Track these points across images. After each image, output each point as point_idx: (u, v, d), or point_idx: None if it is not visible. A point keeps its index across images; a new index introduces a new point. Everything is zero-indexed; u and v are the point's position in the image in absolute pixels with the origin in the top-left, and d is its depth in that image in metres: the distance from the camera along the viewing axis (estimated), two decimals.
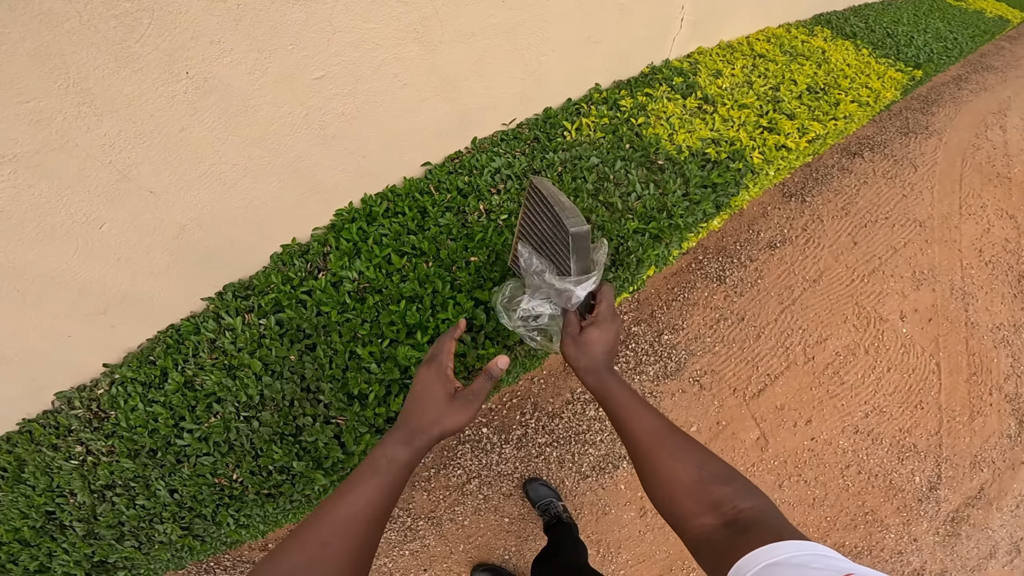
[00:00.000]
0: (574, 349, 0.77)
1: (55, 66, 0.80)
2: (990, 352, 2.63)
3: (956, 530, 2.19)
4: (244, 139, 1.12)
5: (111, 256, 1.10)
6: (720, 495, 0.56)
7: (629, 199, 1.59)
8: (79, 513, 1.22)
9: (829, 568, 0.41)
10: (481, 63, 1.42)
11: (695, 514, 0.57)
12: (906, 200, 3.05)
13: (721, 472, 0.60)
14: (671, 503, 0.60)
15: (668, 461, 0.63)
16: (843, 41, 2.50)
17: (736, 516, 0.54)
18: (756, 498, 0.56)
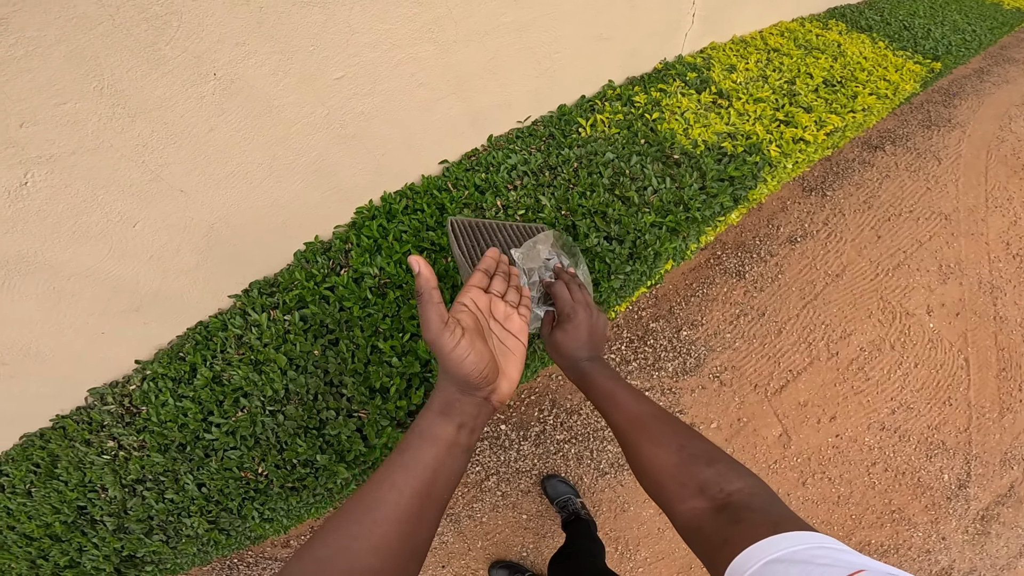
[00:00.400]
0: (550, 350, 0.77)
1: (90, 68, 0.83)
2: (1020, 347, 2.54)
3: (986, 528, 2.14)
4: (268, 139, 1.16)
5: (144, 255, 1.15)
6: (704, 477, 0.54)
7: (645, 193, 1.60)
8: (110, 507, 1.26)
9: (836, 563, 0.37)
10: (494, 62, 1.44)
11: (682, 498, 0.54)
12: (930, 193, 2.99)
13: (702, 453, 0.57)
14: (657, 488, 0.58)
15: (648, 446, 0.61)
16: (858, 34, 2.47)
17: (726, 500, 0.51)
18: (743, 478, 0.53)
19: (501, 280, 0.66)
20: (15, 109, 0.80)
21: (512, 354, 0.61)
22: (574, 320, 0.74)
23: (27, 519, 1.29)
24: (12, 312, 1.05)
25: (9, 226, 0.91)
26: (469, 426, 0.54)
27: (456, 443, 0.52)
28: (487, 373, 0.54)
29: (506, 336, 0.62)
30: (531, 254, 0.83)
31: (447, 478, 0.51)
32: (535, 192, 1.60)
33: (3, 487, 1.36)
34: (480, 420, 0.55)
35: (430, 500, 0.49)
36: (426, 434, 0.51)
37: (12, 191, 0.88)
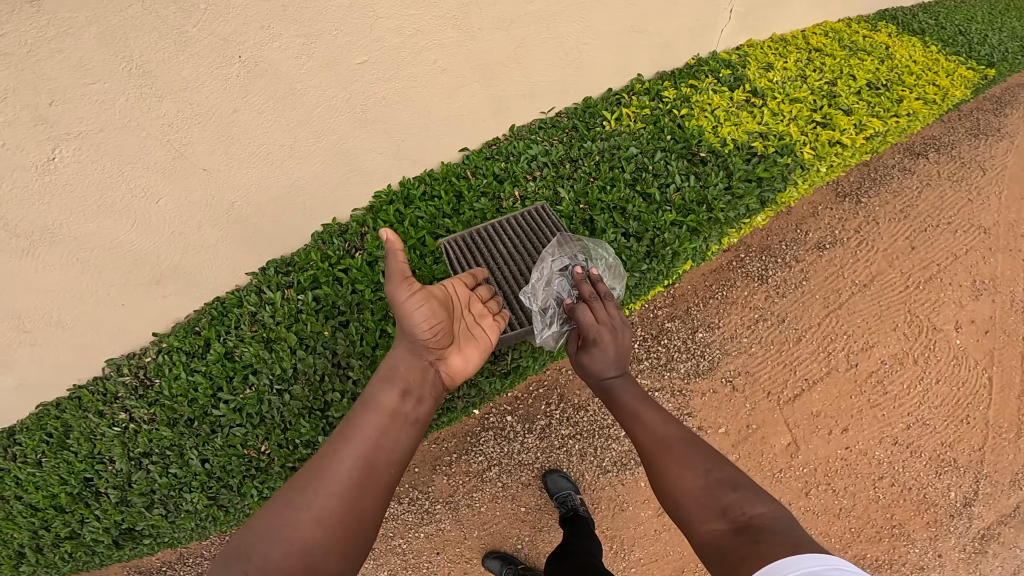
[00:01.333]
0: (576, 369, 0.76)
1: (119, 49, 0.85)
2: None
3: (984, 548, 2.11)
4: (290, 121, 1.17)
5: (166, 229, 1.18)
6: (728, 501, 0.54)
7: (668, 190, 1.56)
8: (115, 480, 1.30)
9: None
10: (520, 51, 1.42)
11: (703, 520, 0.55)
12: (971, 205, 2.86)
13: (728, 477, 0.57)
14: (678, 509, 0.59)
15: (674, 468, 0.61)
16: (909, 37, 2.35)
17: (747, 523, 0.51)
18: (766, 504, 0.53)
19: (486, 290, 0.67)
20: (46, 88, 0.82)
21: (475, 340, 0.61)
22: (600, 344, 0.72)
23: (35, 490, 1.35)
24: (36, 280, 1.09)
25: (36, 198, 0.94)
26: (415, 395, 0.51)
27: (399, 412, 0.50)
28: (437, 331, 0.53)
29: (475, 327, 0.62)
30: (544, 275, 0.78)
31: (391, 449, 0.49)
32: (554, 184, 1.58)
33: (15, 456, 1.42)
34: (427, 390, 0.53)
35: (373, 471, 0.47)
36: (369, 402, 0.50)
37: (40, 166, 0.90)
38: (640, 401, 0.68)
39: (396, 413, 0.50)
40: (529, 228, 1.13)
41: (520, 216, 1.09)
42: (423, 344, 0.53)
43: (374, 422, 0.48)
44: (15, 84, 0.80)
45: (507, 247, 1.09)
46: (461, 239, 1.05)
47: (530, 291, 0.77)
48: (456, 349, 0.58)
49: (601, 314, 0.73)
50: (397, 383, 0.51)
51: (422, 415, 0.52)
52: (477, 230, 1.07)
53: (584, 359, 0.73)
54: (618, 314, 0.75)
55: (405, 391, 0.51)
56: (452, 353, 0.57)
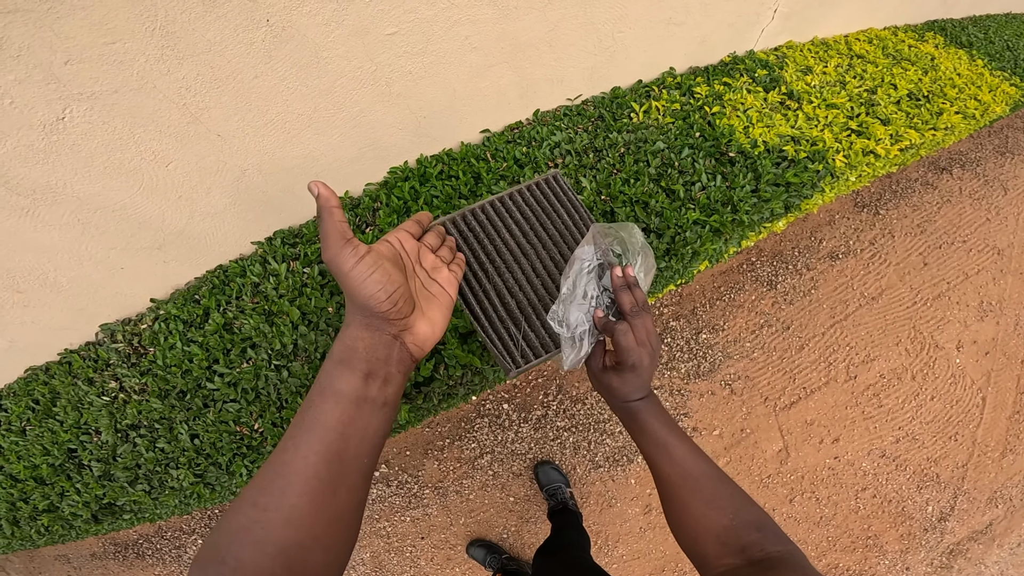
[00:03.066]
0: (599, 388, 0.67)
1: (145, 8, 0.79)
2: None
3: (950, 563, 2.18)
4: (312, 90, 1.11)
5: (173, 194, 1.13)
6: (749, 540, 0.54)
7: (693, 188, 1.52)
8: (100, 452, 1.27)
9: None
10: (554, 33, 1.35)
11: (719, 555, 0.55)
12: (989, 224, 2.82)
13: (755, 519, 0.56)
14: (695, 544, 0.58)
15: (700, 506, 0.58)
16: (956, 49, 2.27)
17: (763, 558, 0.52)
18: (785, 544, 0.54)
19: (435, 235, 0.59)
20: (62, 46, 0.77)
21: (436, 299, 0.54)
22: (638, 369, 0.61)
23: (16, 459, 1.31)
24: (34, 239, 1.05)
25: (41, 157, 0.89)
26: (380, 375, 0.45)
27: (365, 398, 0.44)
28: (397, 299, 0.46)
29: (431, 283, 0.55)
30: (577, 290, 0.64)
31: (360, 438, 0.43)
32: (576, 172, 1.53)
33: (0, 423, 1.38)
34: (394, 368, 0.47)
35: (342, 464, 0.42)
36: (327, 390, 0.43)
37: (48, 125, 0.85)
38: (669, 430, 0.63)
39: (361, 399, 0.44)
40: (540, 204, 0.90)
41: (528, 188, 0.90)
42: (383, 316, 0.45)
43: (337, 413, 0.43)
44: (31, 42, 0.74)
45: (520, 228, 0.85)
46: (461, 218, 0.81)
47: (560, 312, 0.63)
48: (420, 313, 0.50)
49: (641, 333, 0.60)
50: (358, 366, 0.44)
51: (391, 396, 0.46)
52: (481, 206, 0.85)
53: (615, 381, 0.63)
54: (654, 329, 0.63)
55: (368, 373, 0.45)
56: (416, 319, 0.49)
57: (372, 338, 0.45)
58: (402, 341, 0.48)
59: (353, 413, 0.43)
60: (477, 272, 0.77)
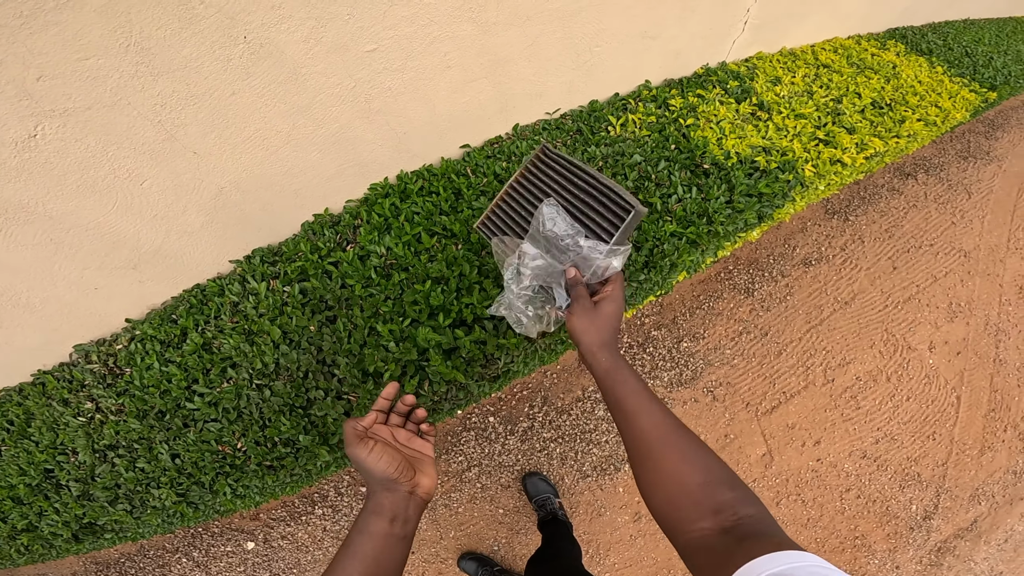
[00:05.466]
0: (587, 322, 0.73)
1: (120, 24, 0.79)
2: (1013, 390, 2.55)
3: (940, 560, 2.19)
4: (291, 107, 1.11)
5: (148, 212, 1.11)
6: (723, 500, 0.55)
7: (669, 201, 1.55)
8: (77, 473, 1.24)
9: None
10: (533, 49, 1.37)
11: (693, 519, 0.55)
12: (954, 228, 2.92)
13: (728, 478, 0.58)
14: (669, 506, 0.59)
15: (674, 461, 0.60)
16: (917, 57, 2.36)
17: (735, 523, 0.53)
18: (756, 506, 0.55)
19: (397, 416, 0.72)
20: (35, 62, 0.76)
21: (423, 460, 0.69)
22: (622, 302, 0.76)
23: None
24: (6, 259, 1.02)
25: (13, 175, 0.87)
26: (402, 517, 0.62)
27: (391, 534, 0.61)
28: (401, 471, 0.63)
29: (412, 452, 0.69)
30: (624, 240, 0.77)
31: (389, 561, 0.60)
32: None
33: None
34: (412, 511, 0.63)
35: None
36: (364, 530, 0.60)
37: (20, 142, 0.84)
38: (643, 384, 0.69)
39: (389, 535, 0.60)
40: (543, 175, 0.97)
41: (527, 170, 0.99)
42: (396, 482, 0.63)
43: (371, 546, 0.59)
44: (3, 57, 0.73)
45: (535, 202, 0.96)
46: (493, 216, 0.98)
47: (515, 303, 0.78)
48: (420, 473, 0.67)
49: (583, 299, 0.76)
50: (385, 513, 0.61)
51: (409, 531, 0.63)
52: (501, 198, 0.99)
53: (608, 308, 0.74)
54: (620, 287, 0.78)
55: (393, 518, 0.61)
56: (419, 477, 0.66)
57: (393, 496, 0.62)
58: (414, 493, 0.64)
59: (382, 545, 0.60)
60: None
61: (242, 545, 1.85)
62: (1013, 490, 2.35)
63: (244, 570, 1.85)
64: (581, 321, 0.73)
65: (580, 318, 0.74)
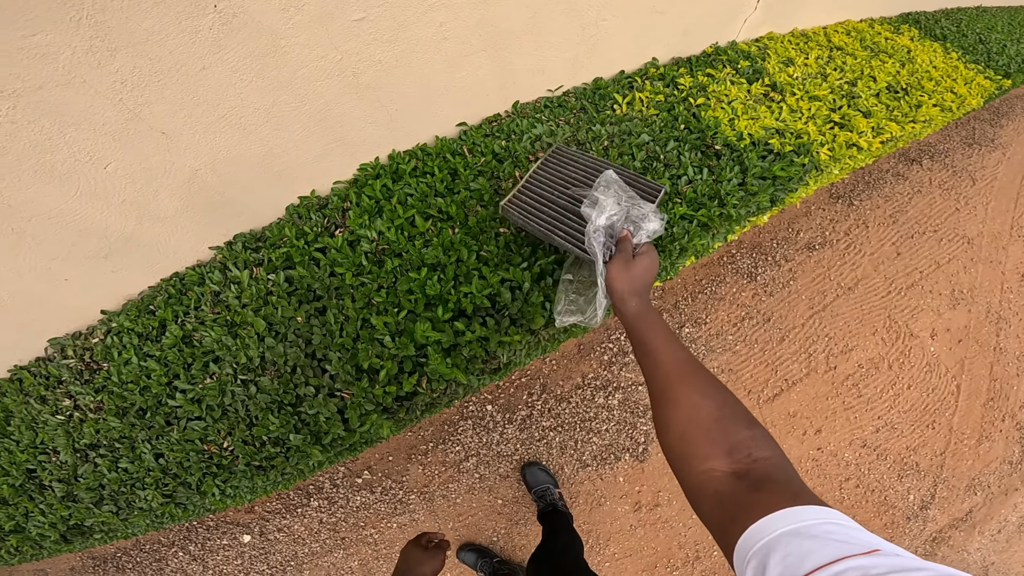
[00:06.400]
0: (622, 271, 0.80)
1: None
2: (1012, 379, 2.54)
3: (934, 550, 2.20)
4: (270, 82, 1.01)
5: (116, 198, 1.02)
6: (738, 438, 0.53)
7: (679, 182, 1.47)
8: (60, 473, 1.18)
9: (850, 540, 0.38)
10: (535, 20, 1.27)
11: (706, 456, 0.53)
12: (958, 214, 2.87)
13: (744, 415, 0.57)
14: (683, 442, 0.57)
15: (692, 395, 0.60)
16: (931, 42, 2.28)
17: (750, 466, 0.50)
18: (772, 449, 0.53)
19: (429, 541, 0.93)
20: None
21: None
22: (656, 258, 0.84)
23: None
24: None
25: None
26: None
27: None
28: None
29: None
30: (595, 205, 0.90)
31: None
32: None
33: None
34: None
35: None
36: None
37: None
38: (668, 331, 0.72)
39: None
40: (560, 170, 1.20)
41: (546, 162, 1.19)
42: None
43: None
44: None
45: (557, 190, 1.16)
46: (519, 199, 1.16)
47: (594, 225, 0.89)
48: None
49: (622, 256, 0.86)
50: None
51: None
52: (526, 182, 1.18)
53: (644, 261, 0.82)
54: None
55: None
56: None
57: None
58: None
59: None
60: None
61: (238, 538, 1.81)
62: (1008, 480, 2.35)
63: (241, 563, 1.81)
64: (617, 269, 0.81)
65: (617, 267, 0.81)
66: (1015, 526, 2.32)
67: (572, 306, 0.97)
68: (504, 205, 1.17)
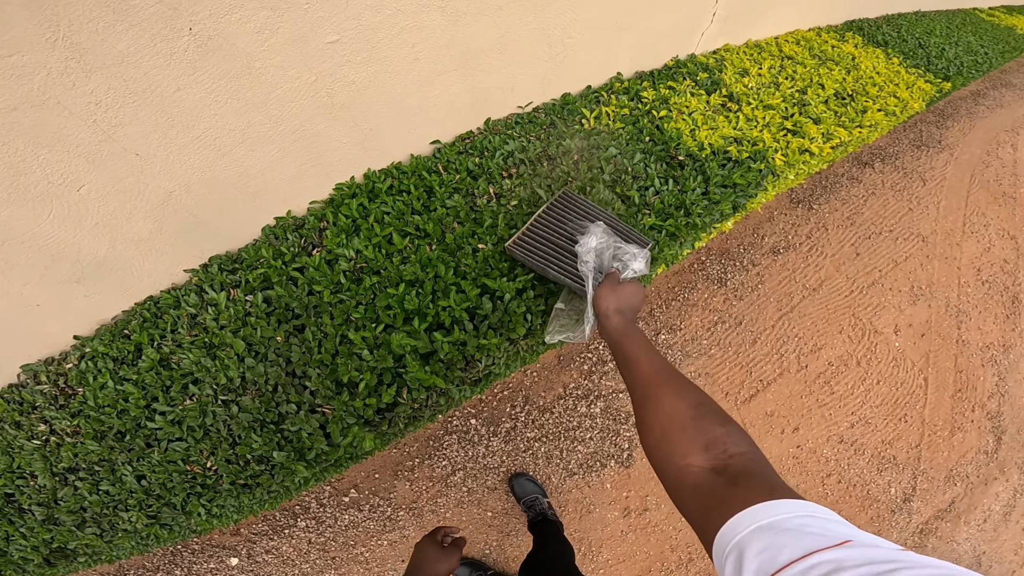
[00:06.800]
0: (612, 294, 0.89)
1: (47, 17, 0.71)
2: (977, 370, 2.64)
3: (923, 542, 2.23)
4: (244, 103, 1.02)
5: (88, 221, 1.01)
6: (713, 435, 0.57)
7: (647, 193, 1.52)
8: (39, 496, 1.15)
9: (824, 533, 0.39)
10: (504, 39, 1.32)
11: (684, 453, 0.56)
12: (912, 214, 3.02)
13: (718, 413, 0.61)
14: (663, 439, 0.61)
15: (669, 397, 0.65)
16: (874, 49, 2.43)
17: (727, 462, 0.53)
18: (746, 444, 0.55)
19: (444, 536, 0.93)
20: None
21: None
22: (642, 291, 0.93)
23: None
24: None
25: None
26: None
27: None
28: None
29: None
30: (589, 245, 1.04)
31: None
32: (531, 182, 1.50)
33: None
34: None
35: None
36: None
37: None
38: (648, 343, 0.78)
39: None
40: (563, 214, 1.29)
41: (551, 207, 1.28)
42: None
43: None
44: None
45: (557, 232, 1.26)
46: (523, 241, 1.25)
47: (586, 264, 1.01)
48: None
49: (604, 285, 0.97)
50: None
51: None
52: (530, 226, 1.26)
53: (629, 287, 0.92)
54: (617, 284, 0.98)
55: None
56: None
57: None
58: None
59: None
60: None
61: (225, 561, 1.75)
62: (986, 470, 2.43)
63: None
64: (605, 290, 0.89)
65: (605, 288, 0.90)
66: (1000, 515, 2.38)
67: (562, 327, 1.09)
68: (508, 246, 1.25)
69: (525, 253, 1.22)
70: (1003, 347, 2.76)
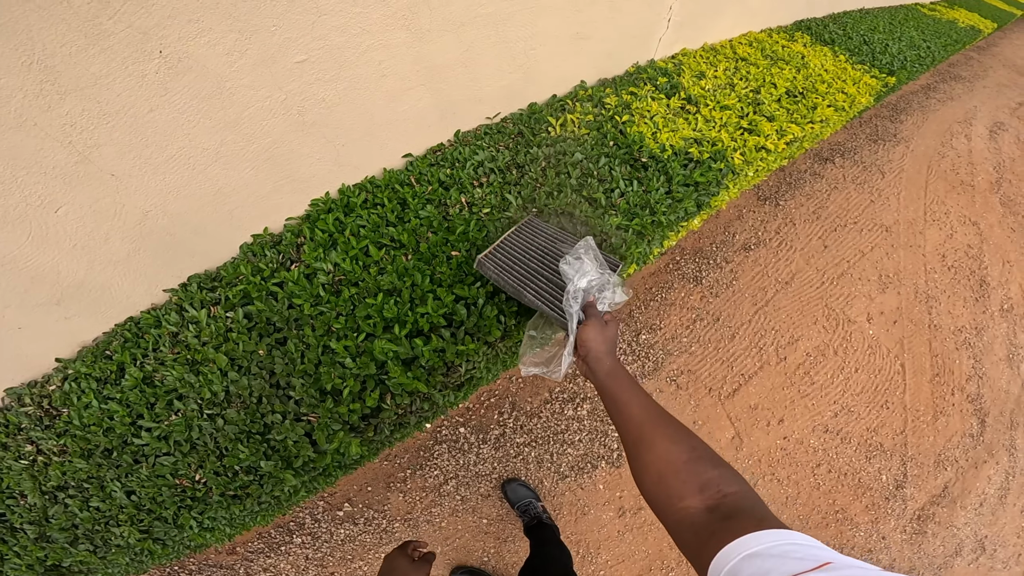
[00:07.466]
0: (598, 333, 0.89)
1: (21, 42, 0.74)
2: (952, 354, 2.71)
3: (923, 528, 2.25)
4: (217, 123, 1.06)
5: (67, 242, 1.03)
6: (708, 477, 0.59)
7: (613, 195, 1.58)
8: (30, 515, 1.15)
9: (807, 557, 0.43)
10: (469, 54, 1.38)
11: (681, 495, 0.59)
12: (874, 206, 3.14)
13: (711, 457, 0.63)
14: (659, 483, 0.63)
15: (663, 442, 0.66)
16: (822, 47, 2.55)
17: (720, 501, 0.56)
18: (739, 484, 0.58)
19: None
20: None
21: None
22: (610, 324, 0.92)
23: None
24: None
25: None
26: None
27: None
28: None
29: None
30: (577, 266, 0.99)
31: None
32: (501, 190, 1.56)
33: None
34: None
35: None
36: None
37: None
38: (637, 386, 0.79)
39: None
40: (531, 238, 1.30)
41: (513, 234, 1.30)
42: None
43: None
44: None
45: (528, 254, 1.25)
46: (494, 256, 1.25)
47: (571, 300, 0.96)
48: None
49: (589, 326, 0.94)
50: None
51: None
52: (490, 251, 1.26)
53: (612, 328, 0.92)
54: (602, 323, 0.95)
55: None
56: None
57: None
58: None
59: None
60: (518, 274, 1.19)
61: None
62: (974, 453, 2.46)
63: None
64: (594, 331, 0.89)
65: (593, 329, 0.89)
66: (996, 498, 2.40)
67: (536, 359, 1.06)
68: (480, 259, 1.25)
69: (497, 271, 1.21)
70: (975, 329, 2.84)
